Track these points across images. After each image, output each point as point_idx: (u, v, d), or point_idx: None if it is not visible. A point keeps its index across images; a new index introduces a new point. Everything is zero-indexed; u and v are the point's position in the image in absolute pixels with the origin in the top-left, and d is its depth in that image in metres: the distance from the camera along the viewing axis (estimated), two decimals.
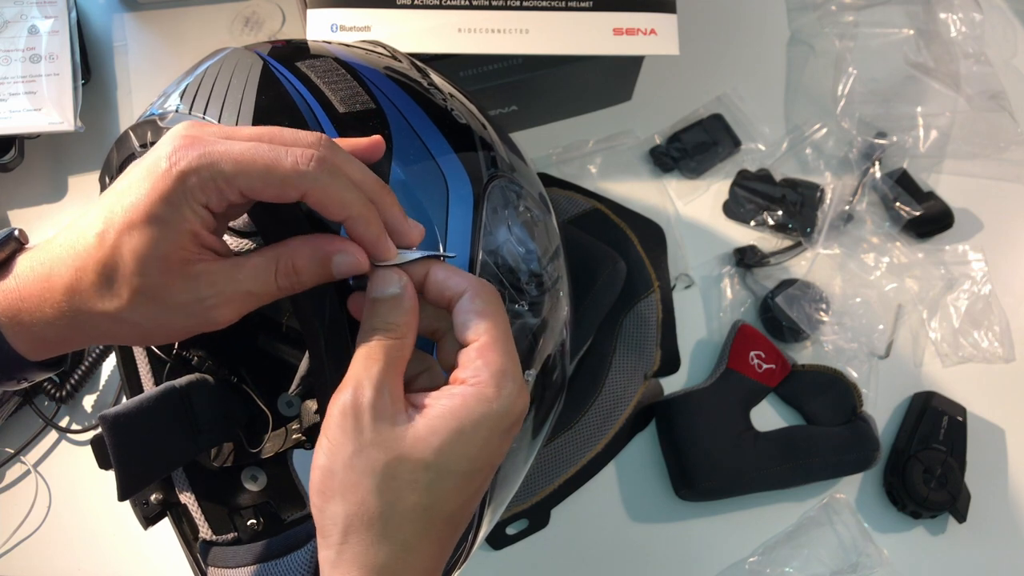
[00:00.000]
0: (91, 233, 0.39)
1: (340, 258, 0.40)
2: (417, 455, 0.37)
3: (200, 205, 0.38)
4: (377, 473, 0.38)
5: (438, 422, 0.38)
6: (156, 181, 0.38)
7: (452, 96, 0.53)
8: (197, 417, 0.60)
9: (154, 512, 0.62)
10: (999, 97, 0.92)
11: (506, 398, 0.38)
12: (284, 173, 0.38)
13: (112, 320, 0.39)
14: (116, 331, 0.41)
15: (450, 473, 0.38)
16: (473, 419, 0.38)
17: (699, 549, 0.77)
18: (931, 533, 0.77)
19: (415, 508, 0.38)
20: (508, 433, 0.39)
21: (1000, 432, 0.81)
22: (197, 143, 0.38)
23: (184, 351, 0.67)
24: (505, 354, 0.39)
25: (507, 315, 0.41)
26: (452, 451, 0.38)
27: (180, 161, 0.38)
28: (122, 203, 0.38)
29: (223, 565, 0.55)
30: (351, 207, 0.40)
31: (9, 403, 0.75)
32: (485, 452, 0.38)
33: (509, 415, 0.39)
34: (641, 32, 0.75)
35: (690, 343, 0.84)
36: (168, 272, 0.38)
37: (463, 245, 0.46)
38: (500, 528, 0.75)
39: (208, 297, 0.39)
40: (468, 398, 0.38)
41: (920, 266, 0.85)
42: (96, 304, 0.39)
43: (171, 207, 0.38)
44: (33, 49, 0.84)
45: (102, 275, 0.38)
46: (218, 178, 0.38)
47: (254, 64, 0.48)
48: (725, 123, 0.91)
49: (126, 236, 0.38)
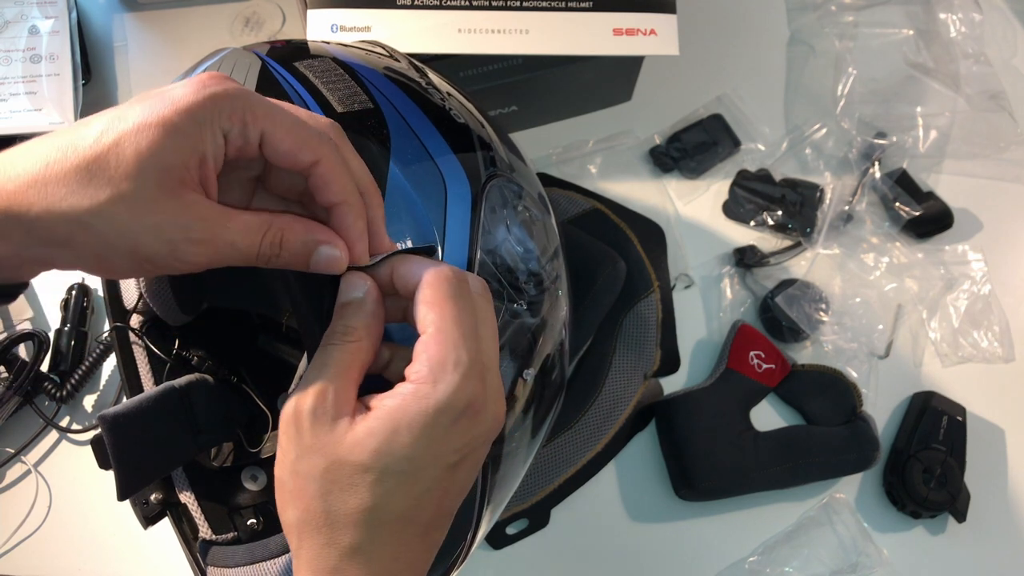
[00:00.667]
0: (86, 133, 0.35)
1: (325, 250, 0.40)
2: (354, 458, 0.37)
3: (221, 132, 0.37)
4: (318, 478, 0.37)
5: (375, 423, 0.37)
6: (184, 95, 0.36)
7: (450, 95, 0.53)
8: (197, 417, 0.60)
9: (154, 512, 0.62)
10: (999, 97, 0.92)
11: (445, 391, 0.37)
12: (308, 133, 0.38)
13: (75, 224, 0.35)
14: (73, 241, 0.36)
15: (391, 474, 0.37)
16: (408, 417, 0.37)
17: (699, 549, 0.77)
18: (931, 533, 0.77)
19: (359, 511, 0.37)
20: (456, 425, 0.38)
21: (1000, 432, 0.81)
22: (229, 80, 0.38)
23: (184, 351, 0.67)
24: (447, 344, 0.38)
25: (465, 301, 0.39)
26: (389, 452, 0.37)
27: (214, 86, 0.37)
28: (135, 111, 0.36)
29: (222, 564, 0.55)
30: (350, 193, 0.40)
31: (9, 403, 0.75)
32: (428, 449, 0.37)
33: (451, 407, 0.37)
34: (641, 32, 0.75)
35: (690, 343, 0.84)
36: (163, 185, 0.36)
37: (461, 244, 0.46)
38: (500, 528, 0.75)
39: (193, 229, 0.37)
40: (406, 396, 0.37)
41: (920, 266, 0.85)
42: (63, 199, 0.35)
43: (193, 121, 0.36)
44: (33, 49, 0.84)
45: (87, 168, 0.35)
46: (248, 111, 0.37)
47: (252, 64, 0.48)
48: (725, 123, 0.91)
49: (132, 135, 0.35)
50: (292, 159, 0.39)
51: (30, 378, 0.75)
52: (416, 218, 0.45)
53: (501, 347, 0.46)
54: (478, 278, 0.42)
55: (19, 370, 0.75)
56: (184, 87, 0.37)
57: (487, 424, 0.39)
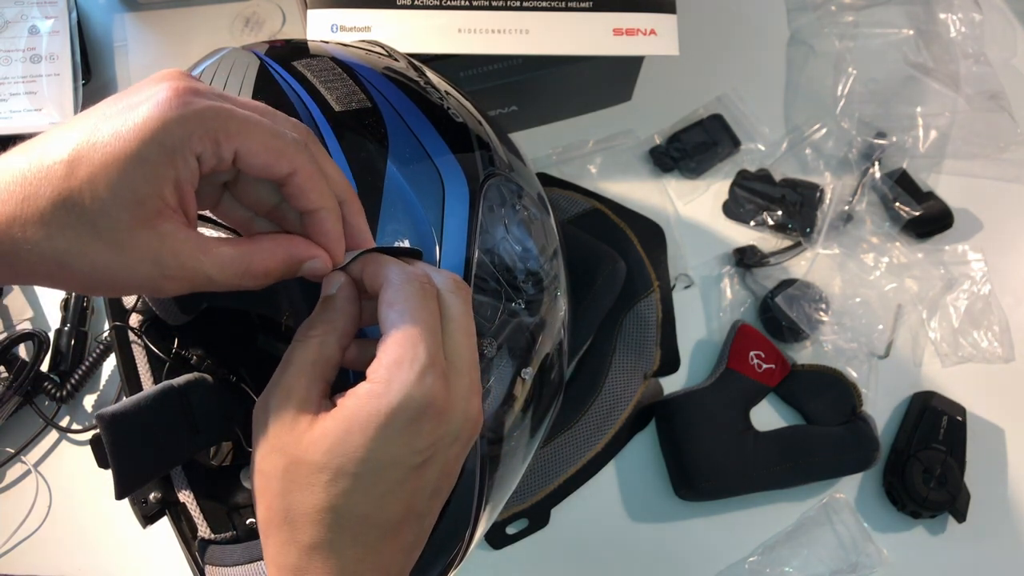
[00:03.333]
0: (58, 158, 0.34)
1: (311, 264, 0.40)
2: (309, 458, 0.37)
3: (193, 156, 0.36)
4: (278, 477, 0.37)
5: (331, 423, 0.37)
6: (152, 115, 0.35)
7: (448, 94, 0.53)
8: (195, 416, 0.60)
9: (153, 511, 0.62)
10: (999, 97, 0.92)
11: (399, 390, 0.36)
12: (284, 144, 0.38)
13: (52, 262, 0.35)
14: (53, 276, 0.36)
15: (345, 475, 0.37)
16: (361, 418, 0.36)
17: (699, 549, 0.76)
18: (931, 533, 0.77)
19: (318, 510, 0.37)
20: (414, 425, 0.37)
21: (1000, 432, 0.81)
22: (201, 94, 0.36)
23: (183, 350, 0.67)
24: (404, 343, 0.37)
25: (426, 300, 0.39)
26: (342, 452, 0.36)
27: (183, 106, 0.35)
28: (107, 130, 0.35)
29: (221, 563, 0.55)
30: (327, 198, 0.40)
31: (9, 403, 0.75)
32: (384, 451, 0.37)
33: (408, 405, 0.36)
34: (641, 32, 0.75)
35: (690, 343, 0.84)
36: (137, 219, 0.35)
37: (459, 243, 0.46)
38: (500, 528, 0.75)
39: (167, 265, 0.36)
40: (361, 396, 0.37)
41: (920, 266, 0.85)
42: (40, 241, 0.34)
43: (163, 150, 0.35)
44: (34, 49, 0.84)
45: (61, 208, 0.34)
46: (219, 131, 0.36)
47: (251, 64, 0.48)
48: (725, 123, 0.91)
49: (103, 170, 0.34)
50: (268, 172, 0.38)
51: (30, 378, 0.75)
52: (414, 217, 0.45)
53: (499, 346, 0.46)
54: (451, 275, 0.41)
55: (19, 370, 0.75)
56: (153, 104, 0.35)
57: (454, 424, 0.39)
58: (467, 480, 0.47)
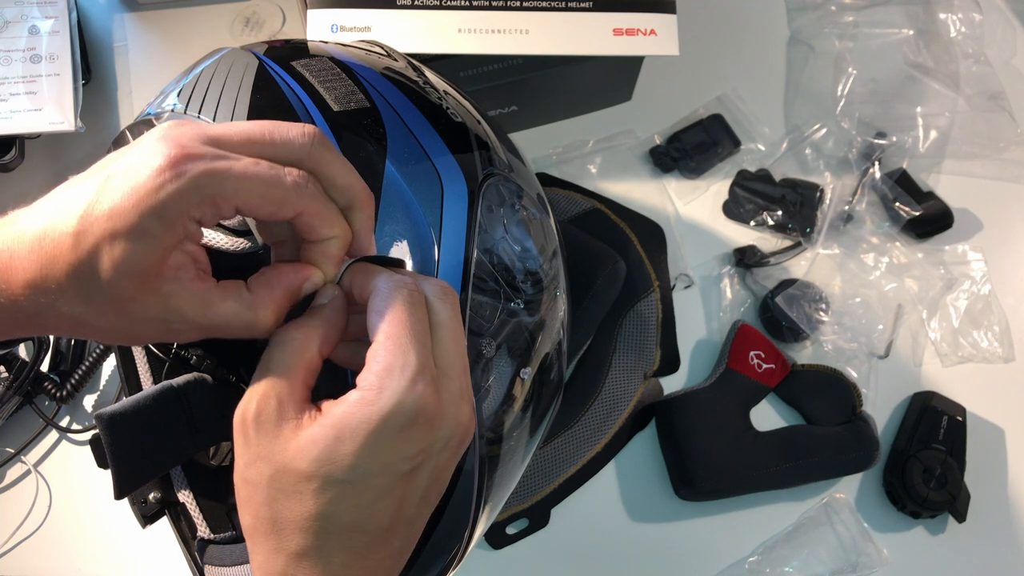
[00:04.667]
0: (66, 229, 0.36)
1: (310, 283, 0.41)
2: (297, 465, 0.36)
3: (193, 221, 0.37)
4: (264, 486, 0.37)
5: (319, 431, 0.37)
6: (149, 190, 0.36)
7: (447, 94, 0.53)
8: (195, 416, 0.60)
9: (152, 511, 0.62)
10: (999, 97, 0.92)
11: (390, 397, 0.36)
12: (284, 193, 0.38)
13: (74, 321, 0.38)
14: (76, 330, 0.39)
15: (334, 482, 0.37)
16: (351, 425, 0.36)
17: (699, 549, 0.76)
18: (931, 533, 0.77)
19: (305, 518, 0.37)
20: (405, 432, 0.37)
21: (1000, 432, 0.81)
22: (196, 158, 0.37)
23: (183, 350, 0.67)
24: (394, 350, 0.37)
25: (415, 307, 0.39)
26: (331, 460, 0.36)
27: (178, 178, 0.36)
28: (107, 201, 0.36)
29: (220, 563, 0.55)
30: (334, 227, 0.40)
31: (9, 403, 0.75)
32: (374, 458, 0.37)
33: (398, 413, 0.36)
34: (641, 32, 0.75)
35: (690, 343, 0.84)
36: (143, 287, 0.37)
37: (457, 243, 0.46)
38: (500, 528, 0.75)
39: (173, 321, 0.38)
40: (352, 404, 0.37)
41: (920, 266, 0.85)
42: (61, 305, 0.37)
43: (162, 222, 0.36)
44: (34, 49, 0.84)
45: (74, 280, 0.36)
46: (217, 196, 0.37)
47: (249, 64, 0.48)
48: (725, 123, 0.91)
49: (107, 244, 0.36)
50: (273, 218, 0.39)
51: (30, 378, 0.75)
52: (412, 217, 0.45)
53: (498, 346, 0.46)
54: (439, 282, 0.42)
55: (19, 370, 0.75)
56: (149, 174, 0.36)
57: (445, 430, 0.39)
58: (466, 480, 0.47)
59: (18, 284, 0.37)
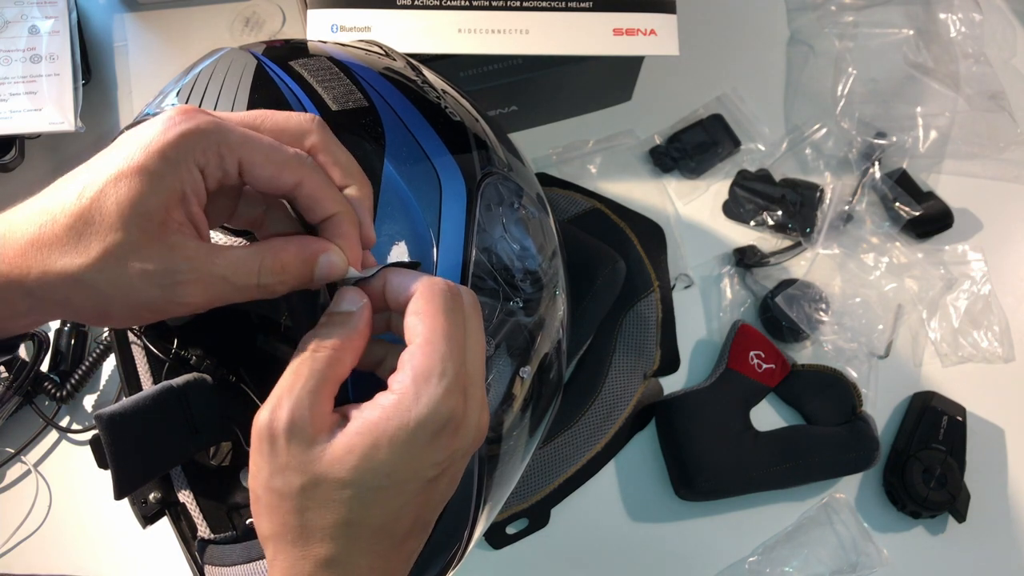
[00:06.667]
0: (69, 191, 0.36)
1: (325, 258, 0.40)
2: (333, 475, 0.37)
3: (197, 168, 0.37)
4: (294, 495, 0.37)
5: (355, 439, 0.37)
6: (155, 138, 0.36)
7: (445, 93, 0.53)
8: (195, 416, 0.60)
9: (153, 511, 0.62)
10: (999, 97, 0.92)
11: (427, 404, 0.37)
12: (285, 157, 0.39)
13: (71, 283, 0.36)
14: (72, 299, 0.37)
15: (370, 489, 0.37)
16: (389, 432, 0.36)
17: (699, 549, 0.76)
18: (931, 533, 0.77)
19: (336, 525, 0.37)
20: (436, 439, 0.37)
21: (1000, 432, 0.81)
22: (201, 113, 0.38)
23: (183, 350, 0.67)
24: (433, 355, 0.37)
25: (457, 314, 0.39)
26: (369, 467, 0.36)
27: (184, 123, 0.37)
28: (111, 161, 0.36)
29: (220, 563, 0.55)
30: (340, 204, 0.40)
31: (9, 403, 0.75)
32: (408, 464, 0.37)
33: (433, 419, 0.37)
34: (641, 32, 0.75)
35: (690, 343, 0.84)
36: (146, 232, 0.36)
37: (456, 242, 0.46)
38: (500, 527, 0.75)
39: (181, 271, 0.37)
40: (387, 408, 0.37)
41: (920, 266, 0.85)
42: (57, 260, 0.36)
43: (166, 162, 0.36)
44: (34, 49, 0.84)
45: (74, 227, 0.36)
46: (222, 144, 0.37)
47: (248, 64, 0.48)
48: (725, 123, 0.91)
49: (111, 187, 0.36)
50: (274, 183, 0.39)
51: (30, 378, 0.75)
52: (411, 216, 0.45)
53: (497, 345, 0.46)
54: (469, 291, 0.42)
55: (19, 370, 0.75)
56: (154, 126, 0.37)
57: (468, 438, 0.39)
58: (466, 480, 0.47)
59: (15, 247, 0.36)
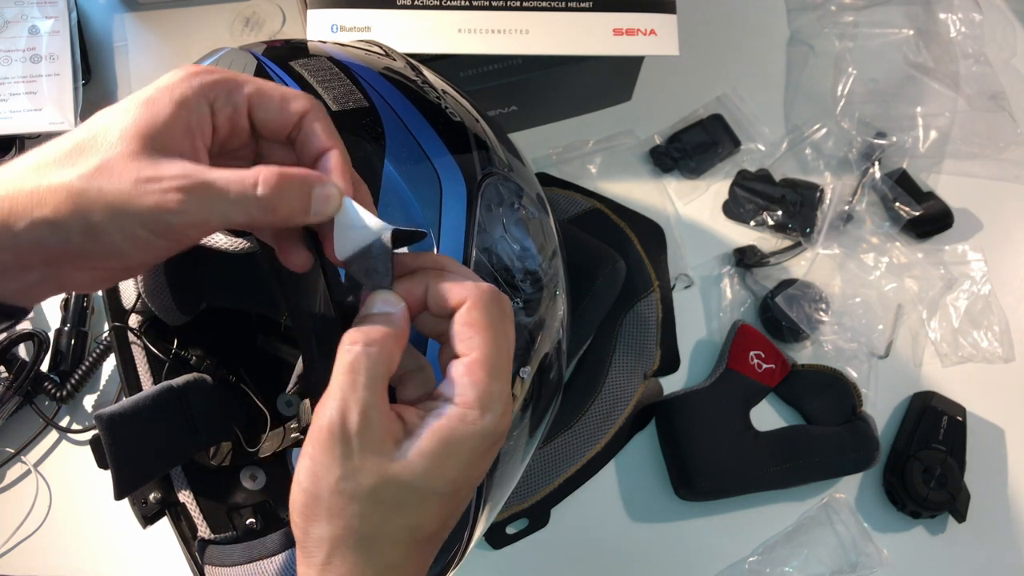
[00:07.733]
0: (82, 125, 0.37)
1: (321, 190, 0.38)
2: (404, 478, 0.37)
3: (206, 103, 0.38)
4: (364, 498, 0.37)
5: (425, 444, 0.37)
6: (167, 79, 0.37)
7: (445, 93, 0.53)
8: (194, 416, 0.60)
9: (153, 511, 0.62)
10: (999, 97, 0.92)
11: (491, 421, 0.37)
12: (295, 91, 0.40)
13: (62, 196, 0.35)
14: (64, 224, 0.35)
15: (434, 494, 0.37)
16: (457, 441, 0.37)
17: (699, 549, 0.76)
18: (931, 533, 0.77)
19: (401, 529, 0.37)
20: (490, 452, 0.39)
21: (1000, 432, 0.81)
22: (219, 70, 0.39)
23: (183, 350, 0.67)
24: (494, 372, 0.38)
25: (508, 326, 0.39)
26: (437, 474, 0.37)
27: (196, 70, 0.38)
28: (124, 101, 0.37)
29: (220, 563, 0.55)
30: (337, 139, 0.40)
31: (9, 403, 0.75)
32: (467, 473, 0.38)
33: (493, 435, 0.38)
34: (641, 32, 0.75)
35: (690, 343, 0.84)
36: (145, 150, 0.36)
37: (456, 243, 0.46)
38: (500, 527, 0.75)
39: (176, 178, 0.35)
40: (453, 419, 0.37)
41: (920, 266, 0.85)
42: (53, 173, 0.35)
43: (175, 96, 0.37)
44: (34, 49, 0.84)
45: (76, 148, 0.36)
46: (234, 89, 0.38)
47: (248, 64, 0.49)
48: (725, 123, 0.91)
49: (119, 116, 0.36)
50: (284, 115, 0.39)
51: (30, 378, 0.75)
52: (411, 217, 0.45)
53: None
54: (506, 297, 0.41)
55: (19, 370, 0.75)
56: (170, 74, 0.38)
57: (499, 448, 0.40)
58: None
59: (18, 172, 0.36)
